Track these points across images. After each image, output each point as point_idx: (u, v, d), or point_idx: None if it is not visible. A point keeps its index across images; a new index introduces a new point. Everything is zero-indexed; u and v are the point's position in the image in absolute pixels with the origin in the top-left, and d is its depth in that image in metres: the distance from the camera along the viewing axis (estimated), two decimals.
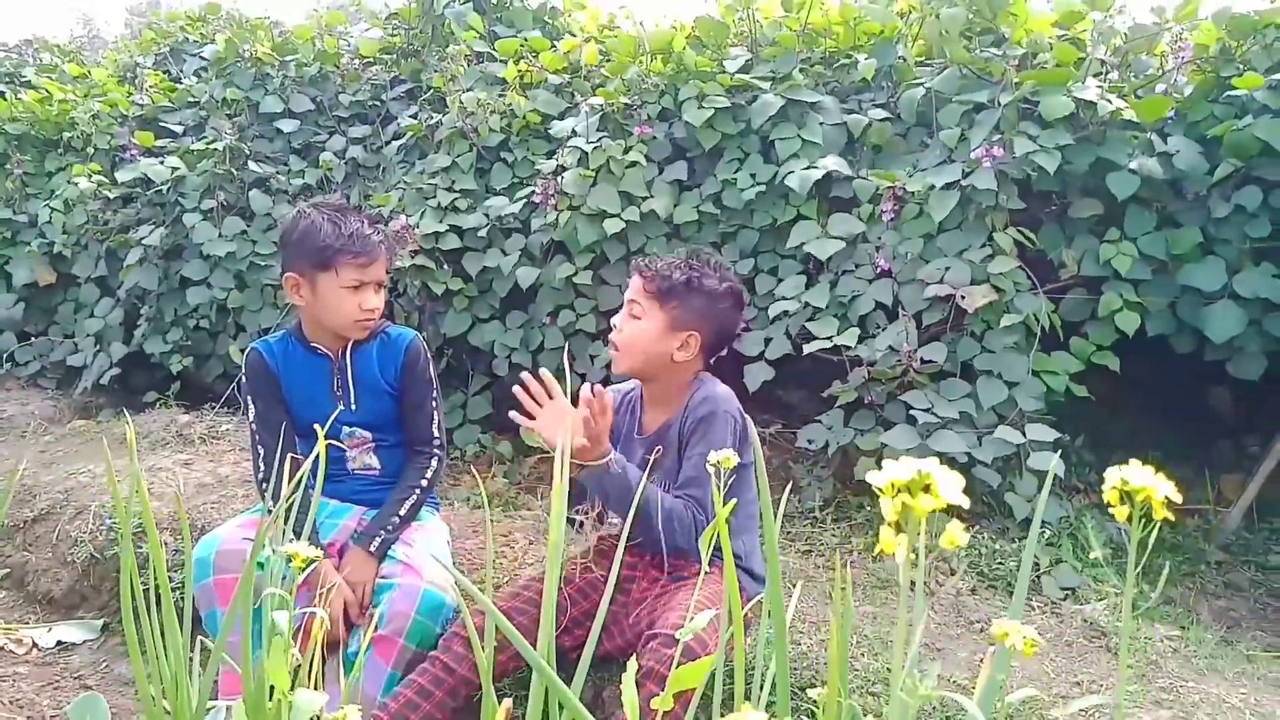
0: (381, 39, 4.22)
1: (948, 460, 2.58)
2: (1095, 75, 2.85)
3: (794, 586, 2.39)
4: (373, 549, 2.12)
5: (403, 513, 2.20)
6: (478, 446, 3.46)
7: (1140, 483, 0.73)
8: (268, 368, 2.25)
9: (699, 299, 1.96)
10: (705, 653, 1.69)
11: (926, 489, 0.64)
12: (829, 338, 2.77)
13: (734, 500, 1.88)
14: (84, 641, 2.67)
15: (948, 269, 2.76)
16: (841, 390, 2.78)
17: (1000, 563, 2.46)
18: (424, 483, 2.26)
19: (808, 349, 2.78)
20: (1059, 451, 2.57)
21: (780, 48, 3.32)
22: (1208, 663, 2.08)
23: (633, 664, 1.38)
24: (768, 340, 2.99)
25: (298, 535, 2.12)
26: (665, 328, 1.96)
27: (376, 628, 1.96)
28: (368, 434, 2.30)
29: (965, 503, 0.68)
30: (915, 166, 3.01)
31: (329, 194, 3.85)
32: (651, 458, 1.98)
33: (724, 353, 2.20)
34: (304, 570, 1.16)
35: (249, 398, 2.25)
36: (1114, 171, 2.79)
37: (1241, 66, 2.89)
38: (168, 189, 3.79)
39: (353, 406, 2.26)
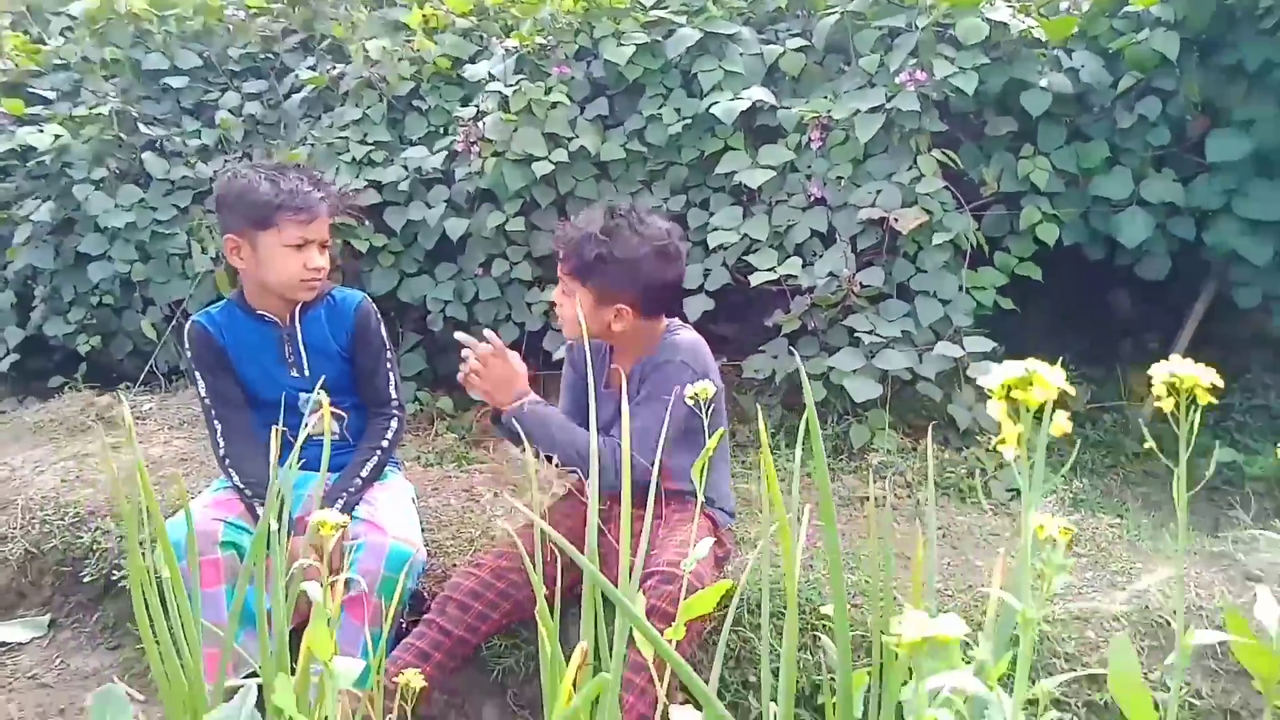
0: None
1: (894, 377, 2.69)
2: None
3: (761, 513, 2.47)
4: (336, 510, 2.08)
5: (365, 474, 2.16)
6: (416, 404, 3.40)
7: (1185, 372, 0.78)
8: (212, 339, 2.16)
9: (617, 269, 1.90)
10: (701, 584, 1.74)
11: (1031, 384, 0.67)
12: (772, 268, 2.82)
13: (711, 437, 1.92)
14: (31, 640, 2.55)
15: (879, 192, 2.83)
16: (785, 319, 2.84)
17: (951, 470, 2.58)
18: (385, 443, 2.22)
19: (754, 280, 2.82)
20: (996, 360, 2.70)
21: None
22: (1149, 545, 2.25)
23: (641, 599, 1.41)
24: (706, 272, 3.02)
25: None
26: (593, 303, 1.93)
27: (347, 590, 1.94)
28: (324, 396, 2.24)
29: (1072, 390, 0.72)
30: (835, 93, 3.05)
31: (230, 154, 3.66)
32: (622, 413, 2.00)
33: (673, 302, 2.18)
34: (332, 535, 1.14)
35: (197, 373, 2.16)
36: (1027, 90, 2.89)
37: None
38: (51, 159, 3.53)
39: (305, 373, 2.20)
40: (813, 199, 2.93)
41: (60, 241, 3.65)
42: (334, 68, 3.55)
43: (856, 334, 2.73)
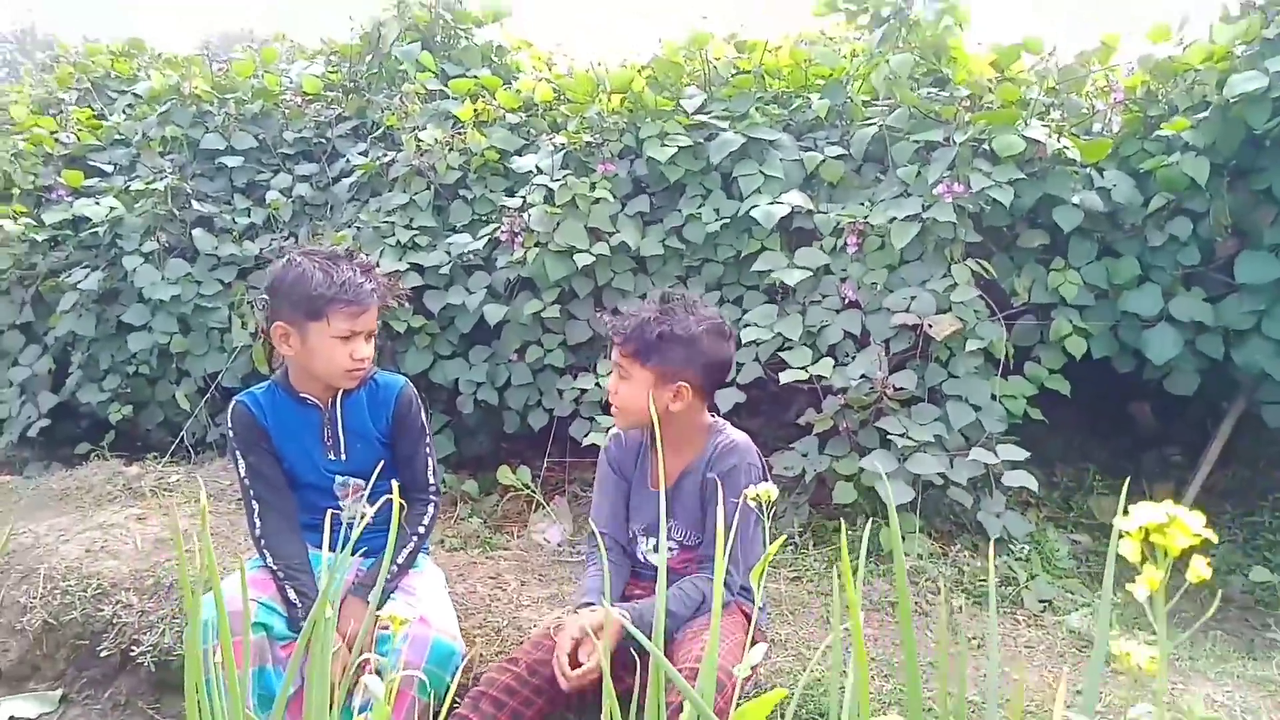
0: (322, 75, 4.16)
1: (925, 482, 2.69)
2: (1038, 116, 3.03)
3: (791, 614, 2.45)
4: (369, 599, 2.07)
5: (400, 561, 2.16)
6: (443, 486, 3.40)
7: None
8: (255, 420, 2.17)
9: (677, 348, 1.93)
10: (730, 682, 1.72)
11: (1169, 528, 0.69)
12: (804, 367, 2.85)
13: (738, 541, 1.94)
14: (39, 716, 2.51)
15: (913, 298, 2.88)
16: (818, 419, 2.86)
17: (983, 580, 2.56)
18: (421, 530, 2.22)
19: (784, 378, 2.85)
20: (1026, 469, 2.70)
21: (736, 88, 3.42)
22: (1189, 664, 2.21)
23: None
24: (739, 366, 3.05)
25: (300, 594, 2.08)
26: (652, 384, 1.94)
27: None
28: (361, 481, 2.25)
29: (1214, 537, 0.73)
30: (871, 200, 3.14)
31: (276, 233, 3.76)
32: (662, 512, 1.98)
33: (724, 382, 2.23)
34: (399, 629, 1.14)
35: (238, 452, 2.17)
36: (1059, 205, 2.97)
37: (1164, 106, 3.13)
38: (105, 230, 3.64)
39: (343, 456, 2.21)
40: (847, 301, 2.98)
41: (102, 310, 3.73)
42: (385, 155, 3.67)
43: (889, 436, 2.74)
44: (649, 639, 1.72)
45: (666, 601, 1.80)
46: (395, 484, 1.63)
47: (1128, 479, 3.56)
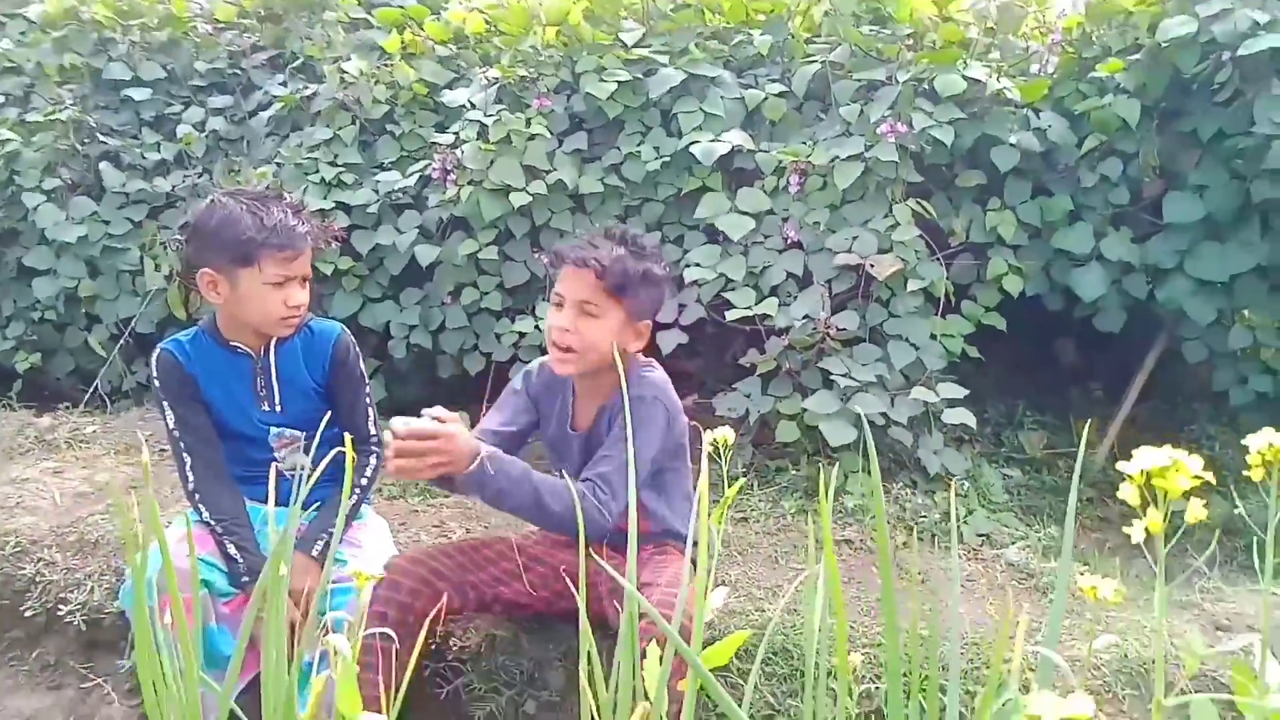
0: (235, 1, 3.91)
1: (869, 422, 2.72)
2: (978, 57, 3.03)
3: (740, 555, 2.46)
4: (315, 553, 2.00)
5: (344, 514, 2.08)
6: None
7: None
8: (182, 368, 2.05)
9: (653, 288, 1.88)
10: (689, 624, 1.72)
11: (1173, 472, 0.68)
12: (748, 307, 2.83)
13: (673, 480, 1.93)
14: None
15: (855, 239, 2.88)
16: (761, 360, 2.86)
17: (924, 515, 2.61)
18: (364, 481, 2.14)
19: (730, 317, 2.84)
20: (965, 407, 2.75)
21: (676, 22, 3.33)
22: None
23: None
24: (681, 307, 3.02)
25: (240, 548, 2.00)
26: (624, 322, 1.86)
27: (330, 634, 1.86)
28: (297, 433, 2.16)
29: (1213, 479, 0.73)
30: (813, 139, 3.11)
31: (189, 169, 3.55)
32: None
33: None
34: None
35: (165, 403, 2.05)
36: (997, 145, 2.99)
37: (1099, 48, 3.17)
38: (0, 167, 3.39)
39: (278, 407, 2.10)
40: (789, 242, 2.97)
41: (1, 253, 3.49)
42: (306, 88, 3.49)
43: (831, 376, 2.75)
44: (488, 488, 1.67)
45: (535, 479, 1.72)
46: (348, 436, 1.55)
47: (1055, 414, 3.66)
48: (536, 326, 3.03)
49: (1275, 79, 2.79)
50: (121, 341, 3.42)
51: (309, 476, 1.38)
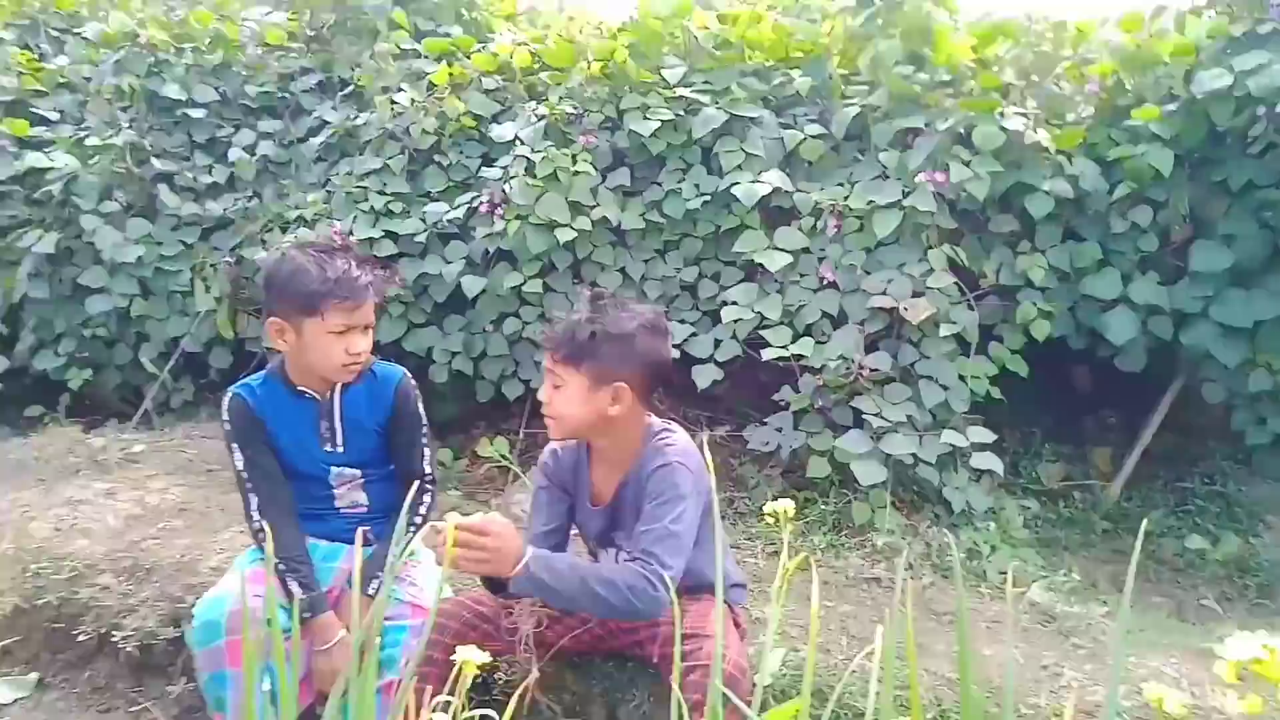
0: (284, 25, 4.02)
1: (896, 461, 2.81)
2: (1015, 105, 3.11)
3: (768, 593, 2.55)
4: (370, 592, 2.10)
5: (400, 550, 2.18)
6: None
7: None
8: (251, 411, 2.15)
9: (612, 346, 1.83)
10: (740, 673, 1.80)
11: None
12: (784, 346, 2.92)
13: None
14: (15, 701, 2.45)
15: (890, 281, 2.97)
16: (795, 398, 2.95)
17: (949, 555, 2.70)
18: (419, 519, 2.23)
19: (766, 355, 2.93)
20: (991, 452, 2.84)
21: (719, 61, 3.42)
22: (1138, 634, 2.39)
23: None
24: (717, 342, 3.12)
25: (302, 585, 2.09)
26: (589, 388, 1.83)
27: (382, 672, 1.96)
28: (356, 471, 2.26)
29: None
30: (850, 181, 3.19)
31: (240, 193, 3.66)
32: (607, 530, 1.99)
33: (667, 383, 2.18)
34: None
35: (235, 444, 2.15)
36: (1030, 194, 3.07)
37: (1133, 96, 3.24)
38: (59, 188, 3.50)
39: (340, 448, 2.20)
40: (825, 282, 3.05)
41: (54, 271, 3.60)
42: (355, 115, 3.59)
43: (864, 416, 2.84)
44: (541, 588, 1.74)
45: (584, 571, 1.77)
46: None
47: (1070, 443, 3.73)
48: None
49: None
50: (172, 361, 3.53)
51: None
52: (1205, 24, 3.07)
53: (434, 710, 1.19)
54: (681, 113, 3.29)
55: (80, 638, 2.45)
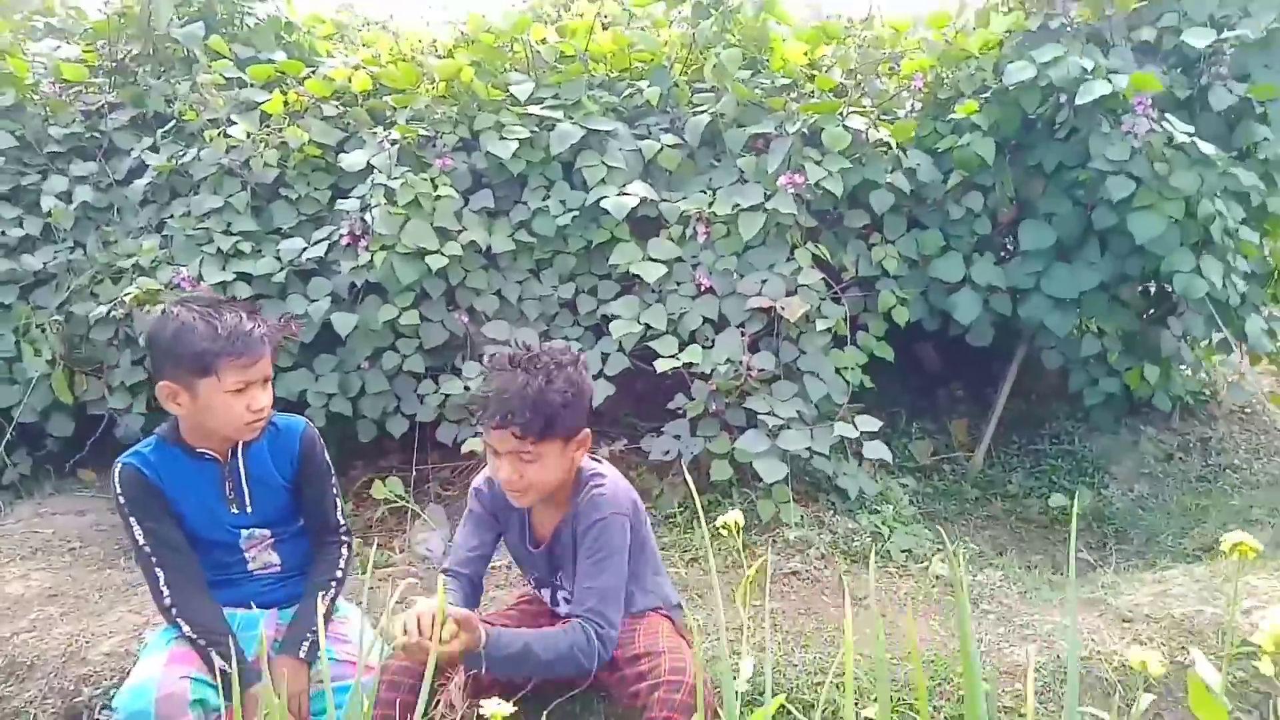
0: (80, 59, 3.67)
1: (794, 456, 2.93)
2: (854, 104, 3.30)
3: (700, 597, 2.62)
4: (302, 654, 2.02)
5: (324, 610, 2.09)
6: None
7: None
8: (148, 481, 2.00)
9: (577, 406, 1.86)
10: (706, 686, 1.85)
11: None
12: (674, 355, 2.98)
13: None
14: None
15: (764, 282, 3.09)
16: (690, 405, 3.02)
17: (855, 539, 2.85)
18: (339, 574, 2.16)
19: (660, 367, 2.98)
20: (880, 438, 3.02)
21: (564, 74, 3.42)
22: (1034, 593, 2.62)
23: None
24: (604, 356, 3.13)
25: (226, 659, 1.97)
26: (562, 451, 1.87)
27: None
28: (266, 531, 2.15)
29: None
30: (710, 187, 3.28)
31: (59, 244, 3.33)
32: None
33: None
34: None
35: (133, 518, 1.99)
36: (875, 189, 3.27)
37: (951, 89, 3.50)
38: None
39: (248, 509, 2.09)
40: (702, 288, 3.13)
41: None
42: (182, 152, 3.33)
43: (758, 415, 2.95)
44: (495, 666, 1.79)
45: (533, 645, 1.83)
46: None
47: (930, 418, 4.00)
48: (466, 387, 3.06)
49: (1104, 119, 3.20)
50: (6, 436, 3.17)
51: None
52: (1007, 19, 3.37)
53: None
54: (536, 129, 3.28)
55: None
